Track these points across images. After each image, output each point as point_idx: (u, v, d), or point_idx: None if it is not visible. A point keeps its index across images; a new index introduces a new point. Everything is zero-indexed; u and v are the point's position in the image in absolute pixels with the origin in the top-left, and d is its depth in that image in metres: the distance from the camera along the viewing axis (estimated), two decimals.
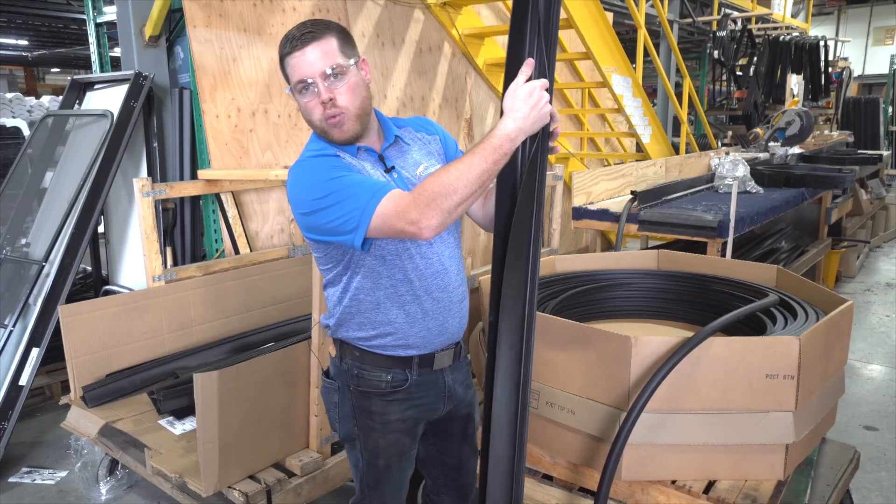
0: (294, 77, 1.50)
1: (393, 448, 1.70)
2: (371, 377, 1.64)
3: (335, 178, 1.46)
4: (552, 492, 2.14)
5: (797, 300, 2.36)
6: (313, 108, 1.51)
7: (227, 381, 2.25)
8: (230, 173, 3.58)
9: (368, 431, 1.68)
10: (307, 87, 1.49)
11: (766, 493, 1.92)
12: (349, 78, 1.51)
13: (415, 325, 1.62)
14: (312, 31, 1.49)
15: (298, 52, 1.48)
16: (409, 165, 1.63)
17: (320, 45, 1.48)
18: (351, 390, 1.67)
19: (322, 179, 1.47)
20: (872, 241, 7.26)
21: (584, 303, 2.67)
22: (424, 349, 1.65)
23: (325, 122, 1.51)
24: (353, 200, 1.42)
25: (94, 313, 2.90)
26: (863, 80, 18.05)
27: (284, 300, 3.57)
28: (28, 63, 17.39)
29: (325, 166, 1.50)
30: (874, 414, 3.61)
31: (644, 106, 5.47)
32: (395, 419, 1.67)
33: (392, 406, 1.66)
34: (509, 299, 1.47)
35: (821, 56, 9.45)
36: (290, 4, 3.97)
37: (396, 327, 1.61)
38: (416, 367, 1.66)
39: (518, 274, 1.46)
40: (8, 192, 3.95)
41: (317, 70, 1.48)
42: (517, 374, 1.49)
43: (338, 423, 1.74)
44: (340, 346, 1.68)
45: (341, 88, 1.50)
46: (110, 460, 2.89)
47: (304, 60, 1.48)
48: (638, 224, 3.67)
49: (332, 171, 1.48)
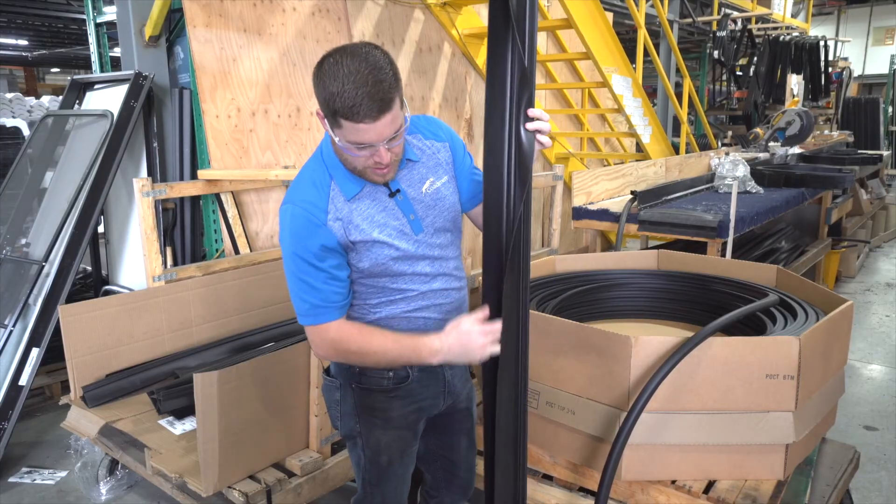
0: (352, 137, 1.40)
1: (395, 444, 1.71)
2: (373, 374, 1.65)
3: (301, 271, 1.51)
4: (552, 492, 2.14)
5: (797, 300, 2.36)
6: (360, 161, 1.46)
7: (227, 381, 2.25)
8: (230, 173, 3.58)
9: (371, 428, 1.69)
10: (364, 147, 1.42)
11: (766, 493, 1.92)
12: (402, 134, 1.47)
13: (417, 331, 1.62)
14: (383, 99, 1.35)
15: (369, 122, 1.36)
16: (415, 183, 1.59)
17: (390, 115, 1.38)
18: (353, 388, 1.68)
19: (292, 252, 1.51)
20: (872, 241, 7.26)
21: (584, 303, 2.67)
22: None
23: (369, 170, 1.48)
24: (300, 297, 1.53)
25: (94, 313, 2.90)
26: (863, 80, 18.06)
27: (284, 300, 3.55)
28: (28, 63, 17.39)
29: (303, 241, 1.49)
30: (874, 414, 3.61)
31: (644, 106, 5.47)
32: (397, 415, 1.68)
33: (394, 402, 1.67)
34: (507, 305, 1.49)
35: (821, 56, 9.46)
36: (290, 4, 3.97)
37: (394, 330, 1.62)
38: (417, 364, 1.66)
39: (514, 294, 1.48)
40: (8, 192, 3.95)
41: (383, 138, 1.40)
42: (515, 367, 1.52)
43: (339, 421, 1.74)
44: None
45: (396, 148, 1.47)
46: (110, 460, 2.89)
47: (373, 131, 1.38)
48: (638, 224, 3.67)
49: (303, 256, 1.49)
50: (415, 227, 1.58)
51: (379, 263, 1.55)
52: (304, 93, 4.06)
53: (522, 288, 1.48)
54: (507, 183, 1.46)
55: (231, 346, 3.23)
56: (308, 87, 4.08)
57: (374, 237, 1.53)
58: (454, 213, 1.67)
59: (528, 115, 1.44)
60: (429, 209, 1.61)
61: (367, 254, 1.54)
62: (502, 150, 1.45)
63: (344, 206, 1.52)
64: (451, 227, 1.67)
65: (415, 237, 1.58)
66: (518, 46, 1.40)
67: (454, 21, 4.91)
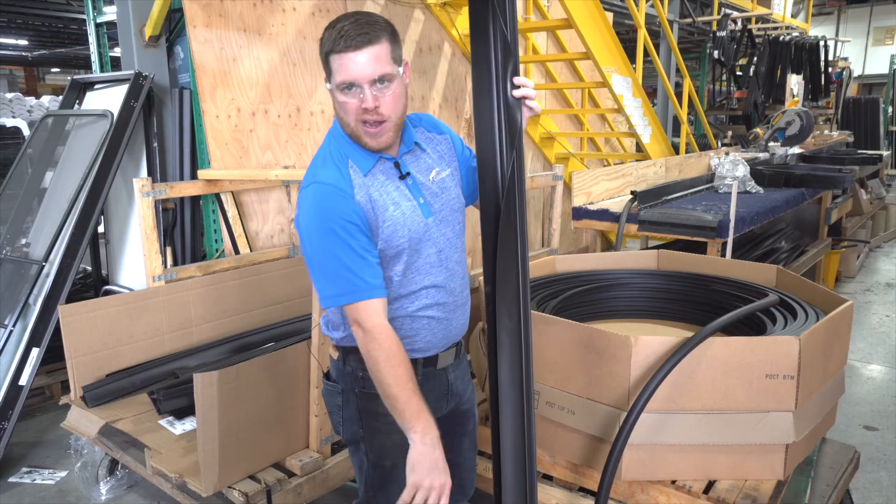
0: (339, 76, 1.43)
1: (399, 448, 1.67)
2: None
3: (333, 246, 1.46)
4: (552, 492, 2.14)
5: (797, 300, 2.36)
6: (351, 109, 1.46)
7: (227, 381, 2.25)
8: (230, 173, 3.58)
9: (374, 433, 1.68)
10: (351, 88, 1.44)
11: (766, 493, 1.92)
12: (395, 86, 1.47)
13: (421, 332, 1.63)
14: (368, 33, 1.41)
15: (351, 53, 1.40)
16: (423, 170, 1.62)
17: (374, 50, 1.42)
18: (356, 393, 1.66)
19: (320, 236, 1.47)
20: (872, 241, 7.26)
21: (584, 303, 2.67)
22: (429, 352, 1.67)
23: (360, 126, 1.48)
24: (335, 282, 1.48)
25: (94, 313, 2.90)
26: (863, 80, 18.06)
27: (284, 300, 3.56)
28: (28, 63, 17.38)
29: (330, 220, 1.46)
30: (874, 414, 3.61)
31: (644, 106, 5.47)
32: None
33: None
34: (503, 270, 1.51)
35: (821, 56, 9.45)
36: (290, 4, 3.97)
37: (403, 334, 1.61)
38: (420, 368, 1.65)
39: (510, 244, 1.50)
40: (8, 192, 3.95)
41: (366, 75, 1.42)
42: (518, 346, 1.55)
43: (341, 426, 1.73)
44: (344, 350, 1.68)
45: (386, 97, 1.46)
46: (110, 460, 2.89)
47: (354, 63, 1.41)
48: (638, 224, 3.67)
49: (334, 230, 1.46)
50: (424, 210, 1.59)
51: (392, 245, 1.54)
52: (304, 93, 4.06)
53: (520, 238, 1.50)
54: (499, 143, 1.49)
55: (231, 346, 3.23)
56: (308, 87, 4.08)
57: (389, 213, 1.53)
58: (459, 204, 1.68)
59: (513, 82, 1.47)
60: (436, 197, 1.62)
61: (381, 233, 1.53)
62: (492, 117, 1.49)
63: (362, 181, 1.52)
64: (455, 221, 1.68)
65: (425, 220, 1.58)
66: (499, 17, 1.43)
67: (454, 21, 4.91)
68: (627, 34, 9.52)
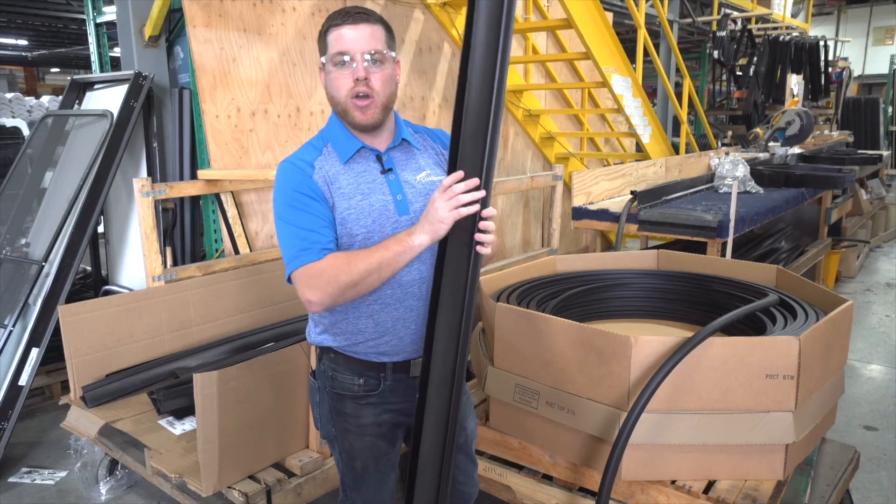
0: (334, 48, 1.50)
1: (369, 451, 1.69)
2: (344, 380, 1.65)
3: (288, 210, 1.51)
4: (552, 492, 2.14)
5: (797, 300, 2.36)
6: (343, 84, 1.52)
7: (226, 381, 2.25)
8: (230, 173, 3.58)
9: (344, 433, 1.68)
10: (343, 62, 1.50)
11: (766, 493, 1.92)
12: (386, 68, 1.54)
13: (385, 335, 1.61)
14: (365, 13, 1.53)
15: (348, 26, 1.49)
16: (410, 169, 1.62)
17: (370, 27, 1.51)
18: (328, 391, 1.68)
19: (282, 201, 1.53)
20: (872, 241, 7.26)
21: (584, 303, 2.67)
22: (398, 356, 1.64)
23: (350, 100, 1.52)
24: (288, 243, 1.50)
25: (94, 313, 2.90)
26: (863, 80, 18.06)
27: (284, 300, 3.56)
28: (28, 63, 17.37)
29: (291, 187, 1.52)
30: (874, 414, 3.61)
31: (644, 106, 5.47)
32: (369, 423, 1.66)
33: (365, 410, 1.66)
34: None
35: (821, 56, 9.45)
36: (290, 4, 3.97)
37: (367, 336, 1.61)
38: (390, 373, 1.64)
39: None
40: (8, 192, 3.95)
41: (360, 48, 1.49)
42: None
43: (319, 423, 1.76)
44: (319, 349, 1.70)
45: (377, 74, 1.52)
46: (110, 460, 2.89)
47: (350, 35, 1.49)
48: (638, 224, 3.67)
49: (293, 198, 1.51)
50: (400, 207, 1.57)
51: (347, 232, 1.53)
52: (303, 93, 4.06)
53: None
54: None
55: (231, 346, 3.23)
56: (308, 87, 4.08)
57: (355, 201, 1.54)
58: None
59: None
60: (420, 196, 1.60)
61: (338, 216, 1.54)
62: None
63: (333, 166, 1.56)
64: None
65: (396, 217, 1.56)
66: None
67: (454, 21, 4.91)
68: (627, 34, 9.51)
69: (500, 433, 2.29)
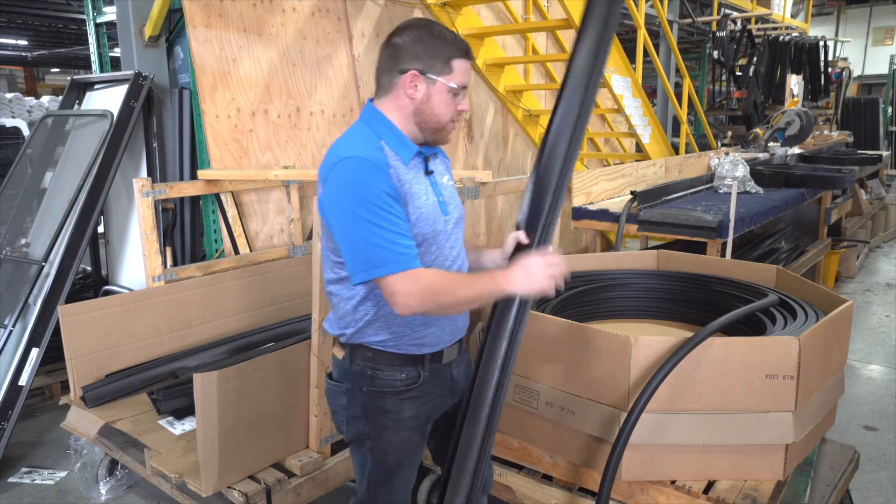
0: (460, 79, 1.62)
1: (404, 446, 1.73)
2: (385, 377, 1.66)
3: (372, 217, 1.47)
4: (552, 492, 2.14)
5: (797, 300, 2.36)
6: (451, 110, 1.63)
7: (226, 381, 2.25)
8: (230, 173, 3.58)
9: (381, 430, 1.70)
10: (459, 93, 1.63)
11: (766, 493, 1.92)
12: None
13: (431, 326, 1.67)
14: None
15: (469, 63, 1.64)
16: (438, 172, 1.72)
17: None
18: (364, 391, 1.68)
19: (363, 199, 1.48)
20: (872, 241, 7.26)
21: (584, 303, 2.67)
22: (436, 347, 1.70)
23: (449, 123, 1.64)
24: (375, 244, 1.47)
25: (94, 313, 2.90)
26: (862, 80, 18.04)
27: (284, 300, 3.57)
28: (28, 63, 17.38)
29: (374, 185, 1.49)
30: (874, 414, 3.62)
31: (644, 106, 5.47)
32: (408, 417, 1.70)
33: (406, 404, 1.69)
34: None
35: (820, 56, 9.45)
36: (289, 4, 3.97)
37: (413, 328, 1.65)
38: (427, 364, 1.69)
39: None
40: (8, 192, 3.95)
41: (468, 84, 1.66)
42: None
43: (345, 426, 1.74)
44: (350, 348, 1.69)
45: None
46: (110, 460, 2.89)
47: (469, 72, 1.65)
48: (638, 224, 3.67)
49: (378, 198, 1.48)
50: (442, 207, 1.67)
51: (417, 232, 1.58)
52: (303, 93, 4.06)
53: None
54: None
55: (231, 346, 3.23)
56: (308, 87, 4.08)
57: (421, 202, 1.61)
58: (462, 214, 1.77)
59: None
60: (451, 198, 1.73)
61: (414, 222, 1.59)
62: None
63: (398, 167, 1.58)
64: (462, 227, 1.76)
65: (444, 217, 1.67)
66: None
67: (454, 21, 4.91)
68: (627, 34, 9.51)
69: (500, 433, 2.28)
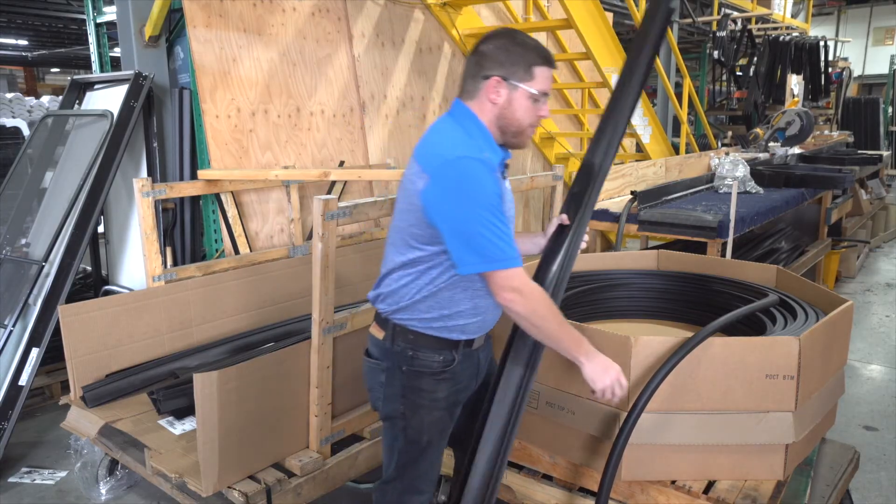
0: (543, 85, 1.69)
1: (436, 425, 1.80)
2: (425, 358, 1.75)
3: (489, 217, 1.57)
4: (552, 492, 2.14)
5: (797, 300, 2.36)
6: (532, 115, 1.72)
7: (226, 381, 2.25)
8: (230, 173, 3.58)
9: (416, 409, 1.77)
10: (539, 99, 1.70)
11: (766, 493, 1.92)
12: None
13: (477, 315, 1.75)
14: None
15: (552, 71, 1.71)
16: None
17: None
18: (404, 371, 1.76)
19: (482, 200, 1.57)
20: (872, 241, 7.26)
21: (584, 303, 2.67)
22: (472, 335, 1.79)
23: (529, 128, 1.73)
24: (498, 238, 1.57)
25: (94, 313, 2.90)
26: (863, 81, 18.05)
27: (284, 300, 3.56)
28: (28, 63, 17.36)
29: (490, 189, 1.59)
30: (874, 414, 3.61)
31: (644, 106, 5.47)
32: (442, 397, 1.78)
33: (441, 385, 1.77)
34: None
35: (821, 56, 9.45)
36: (289, 4, 3.97)
37: (462, 314, 1.73)
38: (461, 348, 1.78)
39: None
40: (8, 192, 3.94)
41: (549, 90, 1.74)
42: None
43: (381, 402, 1.81)
44: (393, 329, 1.76)
45: None
46: (110, 460, 2.89)
47: (550, 78, 1.72)
48: (638, 224, 3.67)
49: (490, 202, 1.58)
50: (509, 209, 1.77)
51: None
52: (303, 93, 4.06)
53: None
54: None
55: (231, 346, 3.22)
56: (308, 87, 4.08)
57: (508, 206, 1.73)
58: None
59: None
60: (510, 199, 1.81)
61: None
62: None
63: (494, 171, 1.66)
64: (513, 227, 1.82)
65: (513, 218, 1.78)
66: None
67: (454, 21, 4.91)
68: (627, 34, 9.51)
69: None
